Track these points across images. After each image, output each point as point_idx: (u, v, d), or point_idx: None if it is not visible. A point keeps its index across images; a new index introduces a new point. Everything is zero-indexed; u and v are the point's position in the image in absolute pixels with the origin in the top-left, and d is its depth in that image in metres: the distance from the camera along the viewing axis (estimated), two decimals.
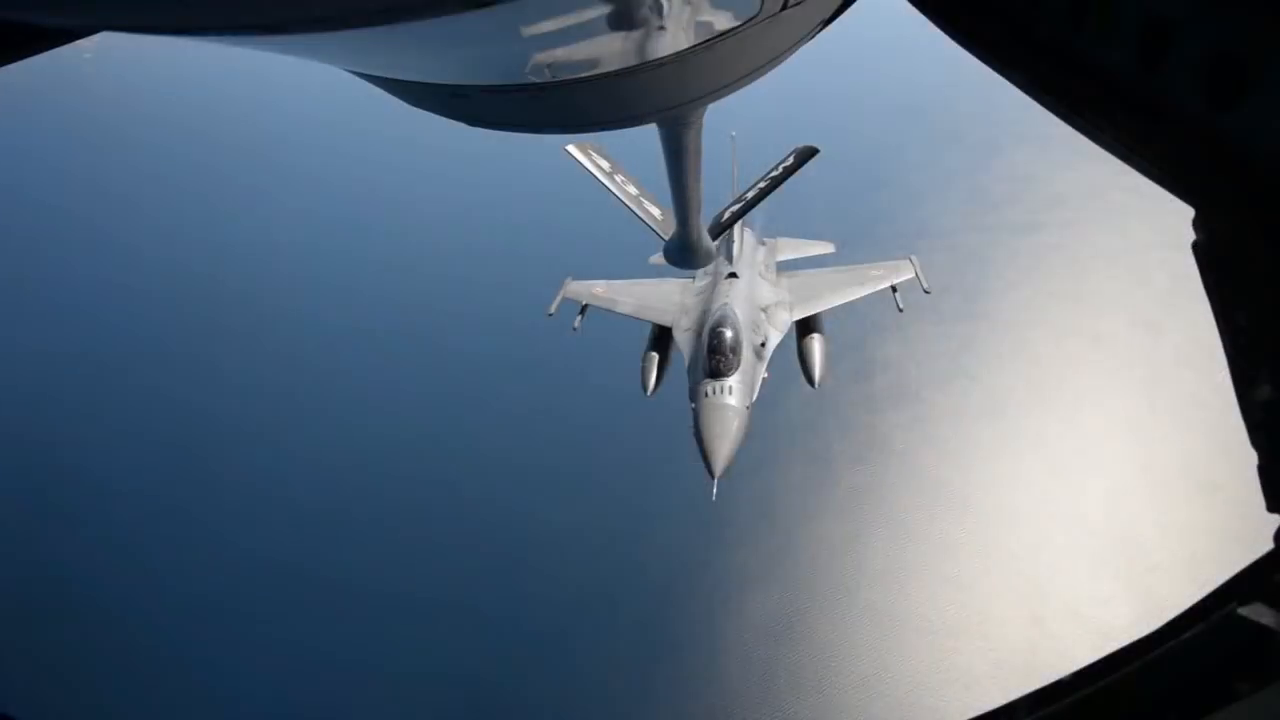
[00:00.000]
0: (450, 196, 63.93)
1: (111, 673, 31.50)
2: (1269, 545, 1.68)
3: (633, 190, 12.99)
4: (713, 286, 15.26)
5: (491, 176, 63.22)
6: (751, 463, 39.03)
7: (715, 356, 13.09)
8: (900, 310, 16.56)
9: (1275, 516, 1.65)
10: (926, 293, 16.73)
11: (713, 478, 12.61)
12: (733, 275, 15.43)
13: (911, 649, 29.19)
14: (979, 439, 37.99)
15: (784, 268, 18.31)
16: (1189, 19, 1.61)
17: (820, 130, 67.84)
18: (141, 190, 68.50)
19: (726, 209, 12.06)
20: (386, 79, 2.13)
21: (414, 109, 2.42)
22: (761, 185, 12.42)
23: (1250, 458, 1.62)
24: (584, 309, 16.80)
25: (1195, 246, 1.72)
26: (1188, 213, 1.76)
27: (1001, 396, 40.39)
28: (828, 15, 2.78)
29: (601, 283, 17.45)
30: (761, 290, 15.52)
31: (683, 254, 8.13)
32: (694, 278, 16.72)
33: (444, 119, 2.45)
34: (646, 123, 3.09)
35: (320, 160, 70.53)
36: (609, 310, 16.77)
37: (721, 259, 15.91)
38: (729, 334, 13.29)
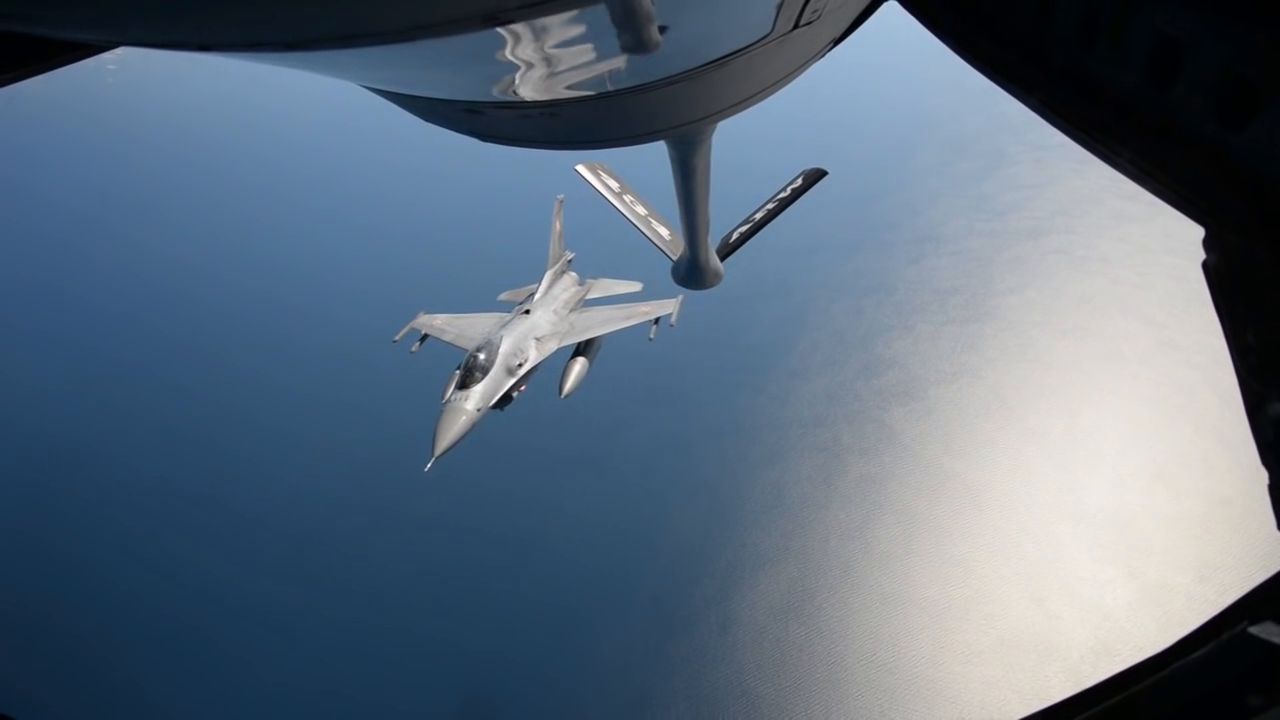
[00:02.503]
0: (459, 210, 65.39)
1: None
2: (1279, 565, 1.68)
3: (641, 210, 12.90)
4: (509, 320, 18.14)
5: (496, 190, 64.43)
6: (766, 454, 40.03)
7: (464, 372, 15.83)
8: (651, 340, 18.88)
9: None
10: (671, 326, 18.92)
11: (430, 457, 14.99)
12: (526, 311, 18.58)
13: (916, 627, 29.37)
14: (983, 433, 38.17)
15: (615, 302, 20.59)
16: (1199, 40, 1.59)
17: (830, 141, 68.91)
18: (160, 199, 70.04)
19: (735, 230, 12.14)
20: (401, 94, 2.12)
21: (427, 124, 2.42)
22: (770, 207, 12.38)
23: (1261, 475, 1.57)
24: (424, 338, 18.95)
25: (1206, 266, 1.68)
26: (1185, 219, 1.75)
27: (1005, 393, 40.62)
28: (839, 34, 2.79)
29: (443, 316, 19.54)
30: (542, 323, 18.35)
31: (691, 274, 8.07)
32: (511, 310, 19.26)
33: (457, 134, 2.43)
34: (659, 139, 3.09)
35: (337, 173, 71.35)
36: (438, 338, 18.86)
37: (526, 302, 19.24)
38: (481, 356, 16.04)
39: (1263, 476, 1.59)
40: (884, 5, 2.91)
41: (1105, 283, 48.08)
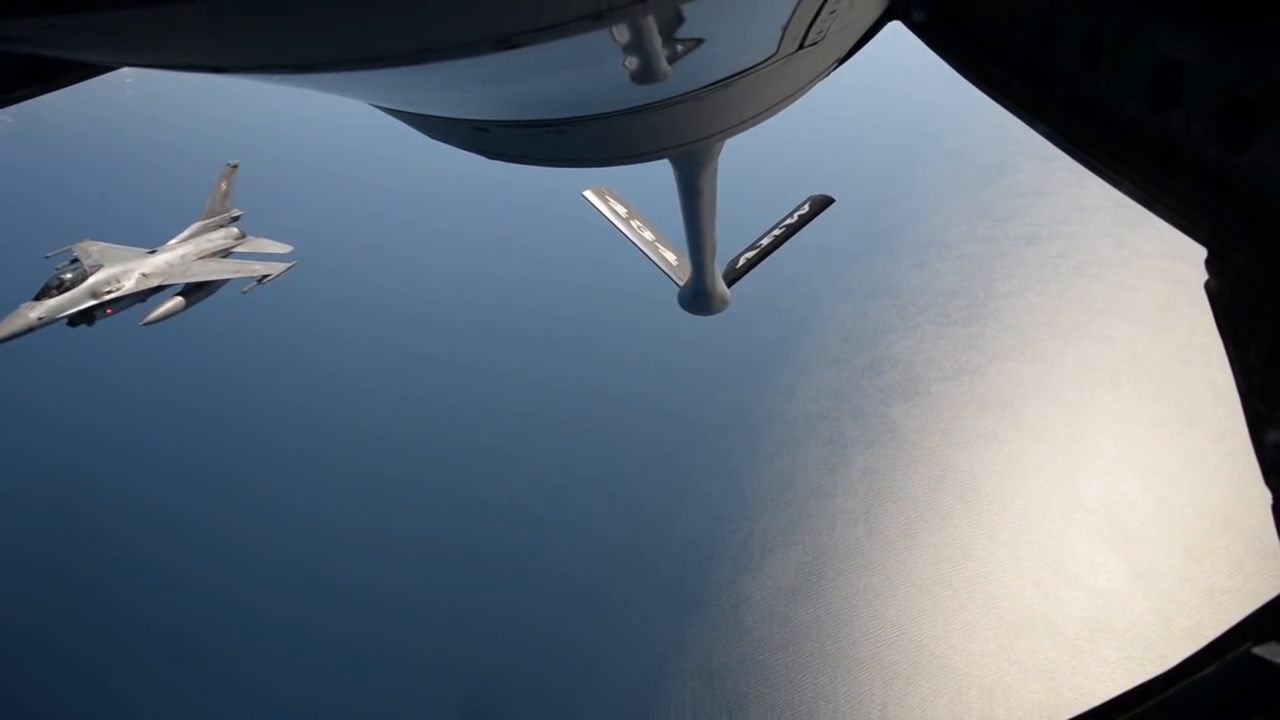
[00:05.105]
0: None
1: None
2: None
3: (649, 236, 12.81)
4: (138, 255, 20.94)
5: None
6: (773, 446, 41.57)
7: (44, 286, 18.51)
8: (244, 293, 22.05)
9: None
10: (264, 284, 22.07)
11: None
12: (153, 252, 21.24)
13: (918, 606, 30.65)
14: (984, 427, 39.43)
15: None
16: (1201, 62, 1.60)
17: (834, 153, 70.73)
18: (175, 215, 71.92)
19: (741, 255, 12.12)
20: (409, 113, 2.15)
21: (434, 141, 2.45)
22: (777, 233, 12.35)
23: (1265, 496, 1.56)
24: (75, 260, 20.88)
25: (1208, 287, 1.68)
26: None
27: (1005, 390, 41.87)
28: (843, 54, 2.79)
29: (101, 244, 21.60)
30: (157, 262, 21.08)
31: (697, 299, 7.91)
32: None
33: (463, 151, 2.45)
34: (665, 158, 3.13)
35: (349, 190, 72.75)
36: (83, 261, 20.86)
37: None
38: (68, 276, 18.73)
39: (1256, 473, 1.59)
40: (888, 25, 2.98)
41: (1103, 286, 49.41)
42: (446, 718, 31.51)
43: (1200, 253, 1.72)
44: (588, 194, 12.62)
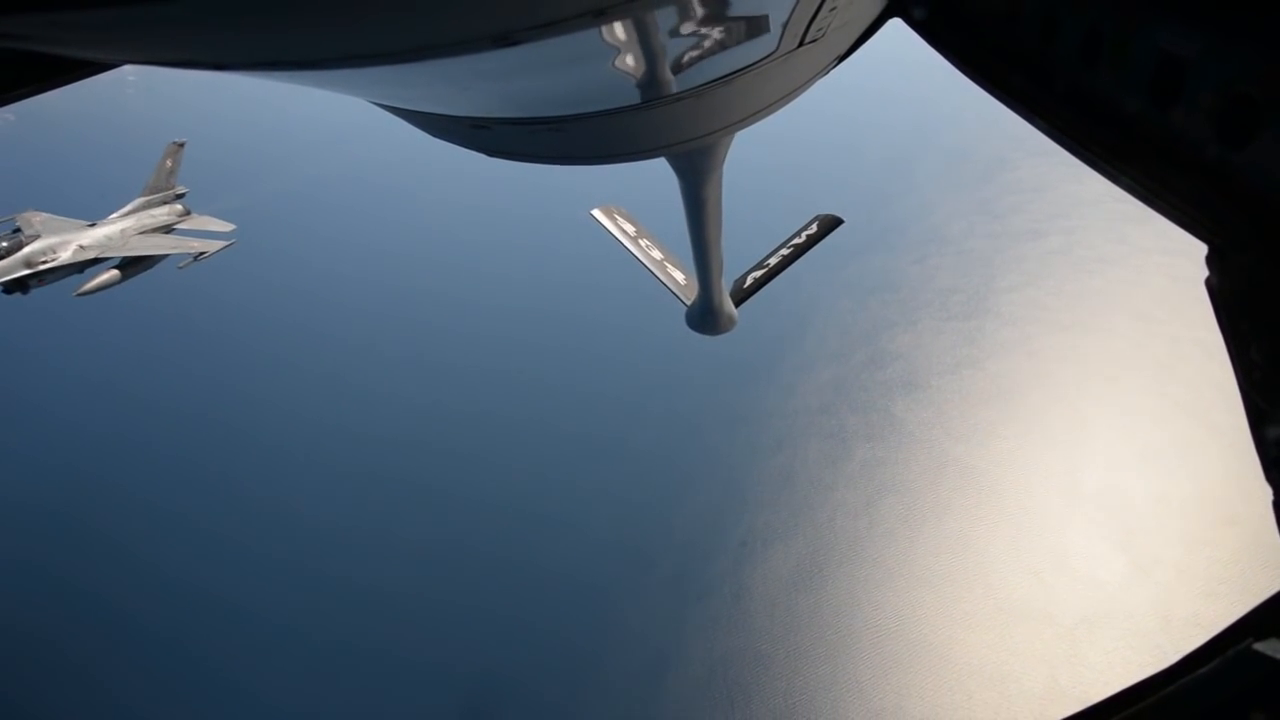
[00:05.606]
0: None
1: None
2: None
3: (657, 254, 12.58)
4: (78, 227, 21.39)
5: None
6: (772, 441, 41.90)
7: None
8: (180, 269, 22.57)
9: None
10: (199, 260, 22.53)
11: None
12: (93, 224, 21.56)
13: (918, 596, 30.98)
14: (983, 420, 39.69)
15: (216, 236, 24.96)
16: (1201, 59, 1.60)
17: (835, 151, 70.91)
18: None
19: (748, 274, 12.04)
20: (409, 110, 2.15)
21: (434, 139, 2.45)
22: (784, 253, 12.23)
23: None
24: (17, 230, 21.36)
25: (1209, 284, 1.69)
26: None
27: (1004, 383, 42.19)
28: (843, 51, 2.80)
29: (44, 214, 21.86)
30: (96, 235, 21.44)
31: (705, 319, 7.83)
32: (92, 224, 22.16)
33: (463, 149, 2.45)
34: (665, 155, 3.09)
35: (352, 191, 72.36)
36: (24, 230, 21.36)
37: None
38: (2, 245, 19.10)
39: (1255, 469, 1.59)
40: (889, 23, 3.00)
41: (1102, 282, 49.63)
42: (447, 718, 31.84)
43: (1201, 249, 1.72)
44: (596, 213, 12.34)
